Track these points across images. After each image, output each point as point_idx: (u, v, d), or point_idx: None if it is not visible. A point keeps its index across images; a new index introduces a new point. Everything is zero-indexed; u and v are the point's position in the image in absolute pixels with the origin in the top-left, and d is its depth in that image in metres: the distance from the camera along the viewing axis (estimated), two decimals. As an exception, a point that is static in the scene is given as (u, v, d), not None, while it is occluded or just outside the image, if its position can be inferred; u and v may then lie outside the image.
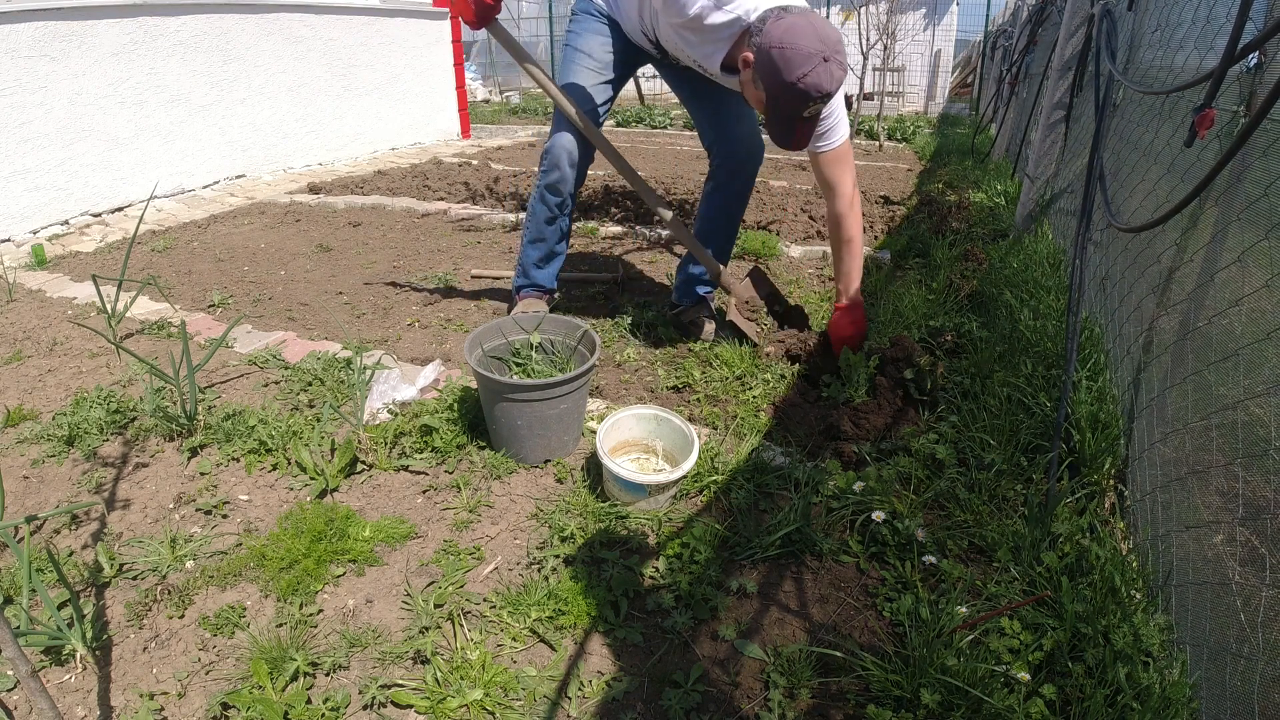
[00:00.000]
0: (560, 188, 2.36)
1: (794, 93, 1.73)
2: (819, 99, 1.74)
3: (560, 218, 2.45)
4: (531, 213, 2.48)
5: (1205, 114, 1.21)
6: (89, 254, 3.59)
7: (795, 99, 1.74)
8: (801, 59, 1.69)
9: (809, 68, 1.69)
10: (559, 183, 2.35)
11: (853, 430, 1.91)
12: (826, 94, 1.74)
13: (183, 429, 1.94)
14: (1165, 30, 2.00)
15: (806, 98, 1.73)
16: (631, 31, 2.25)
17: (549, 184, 2.37)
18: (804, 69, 1.69)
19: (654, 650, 1.30)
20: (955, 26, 13.13)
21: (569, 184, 2.36)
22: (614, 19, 2.29)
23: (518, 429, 1.76)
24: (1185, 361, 1.40)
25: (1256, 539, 1.08)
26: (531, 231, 2.50)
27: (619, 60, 2.32)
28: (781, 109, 1.79)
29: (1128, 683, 1.15)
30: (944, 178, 5.24)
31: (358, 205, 4.55)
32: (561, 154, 2.30)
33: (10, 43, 3.78)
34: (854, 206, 2.19)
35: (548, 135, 2.37)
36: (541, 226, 2.47)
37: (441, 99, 7.35)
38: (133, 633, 1.35)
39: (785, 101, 1.76)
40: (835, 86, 1.74)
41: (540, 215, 2.45)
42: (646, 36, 2.21)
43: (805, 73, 1.69)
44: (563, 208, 2.43)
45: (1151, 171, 1.87)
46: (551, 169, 2.34)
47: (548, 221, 2.45)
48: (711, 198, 2.48)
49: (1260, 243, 1.14)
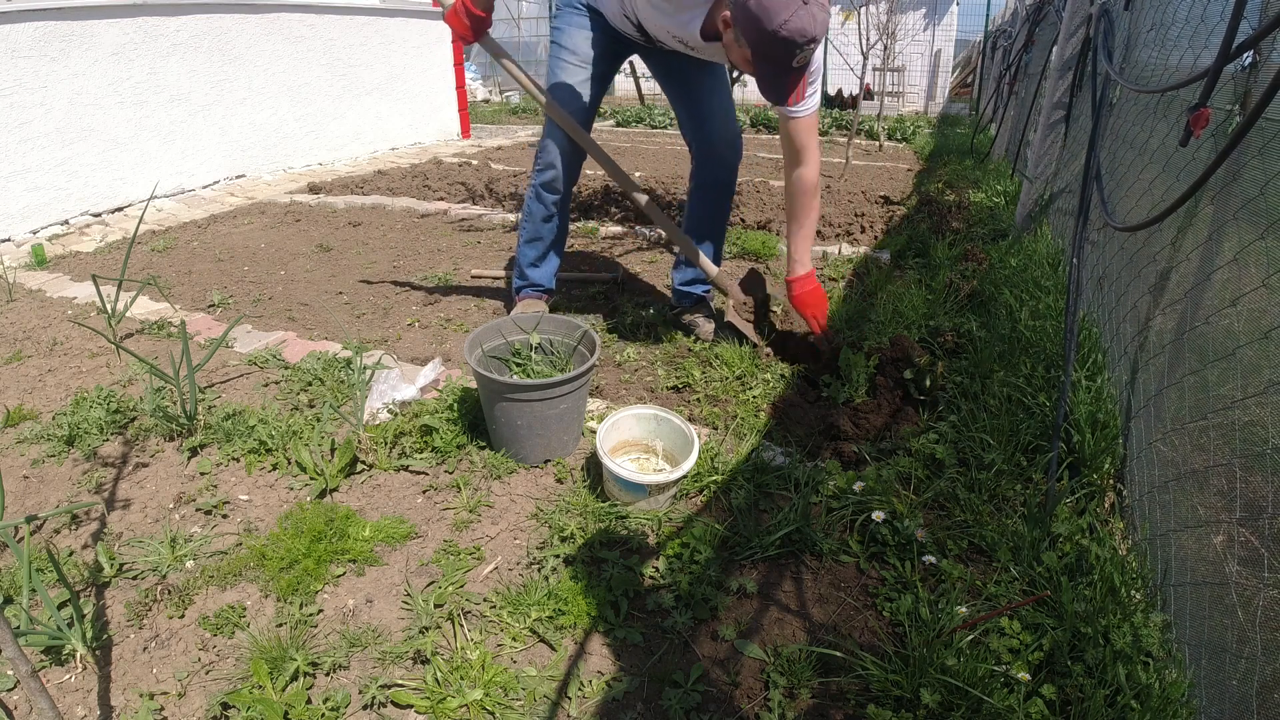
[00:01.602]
0: (556, 185, 2.37)
1: (778, 41, 1.68)
2: (805, 44, 1.69)
3: (557, 215, 2.46)
4: (528, 212, 2.48)
5: (1200, 113, 1.21)
6: (89, 254, 3.59)
7: (780, 48, 1.70)
8: (780, 5, 1.64)
9: (789, 13, 1.64)
10: (555, 180, 2.36)
11: (852, 430, 1.91)
12: (812, 38, 1.69)
13: (183, 429, 1.94)
14: (1161, 29, 2.00)
15: (792, 45, 1.68)
16: (614, 16, 2.23)
17: (544, 182, 2.37)
18: (784, 15, 1.64)
19: (654, 650, 1.31)
20: (955, 26, 13.14)
21: (564, 182, 2.36)
22: (595, 8, 2.27)
23: (518, 429, 1.76)
24: (1183, 361, 1.40)
25: (1255, 539, 1.08)
26: (528, 231, 2.50)
27: (602, 53, 2.31)
28: (770, 61, 1.75)
29: (1127, 683, 1.15)
30: (943, 177, 5.24)
31: (358, 205, 4.55)
32: (556, 151, 2.30)
33: (10, 43, 3.78)
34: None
35: (541, 134, 2.37)
36: (539, 225, 2.47)
37: (441, 99, 7.35)
38: (133, 633, 1.35)
39: (772, 53, 1.72)
40: (819, 30, 1.69)
41: (537, 214, 2.45)
42: (629, 20, 2.19)
43: (786, 19, 1.64)
44: (559, 205, 2.43)
45: (1148, 171, 1.87)
46: (547, 167, 2.34)
47: (544, 220, 2.45)
48: (695, 195, 2.48)
49: (1257, 241, 1.14)
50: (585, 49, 2.29)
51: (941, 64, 12.91)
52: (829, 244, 3.66)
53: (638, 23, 2.18)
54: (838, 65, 10.44)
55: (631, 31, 2.24)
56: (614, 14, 2.23)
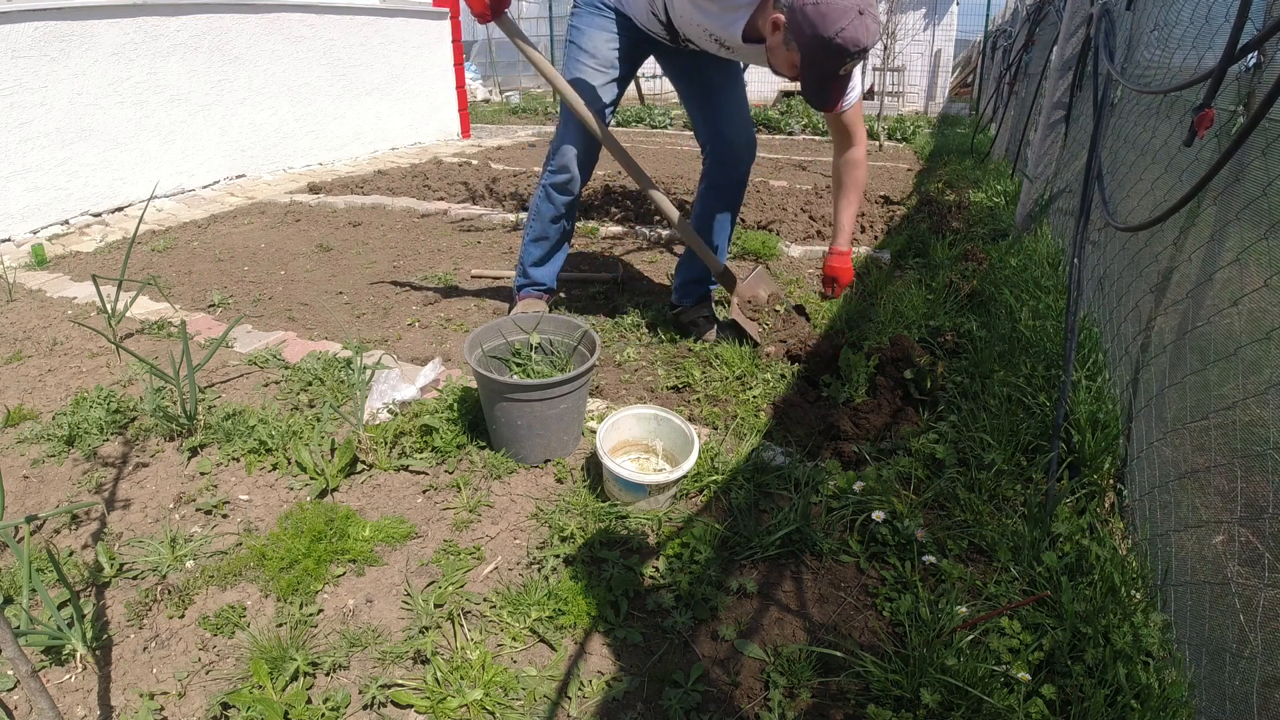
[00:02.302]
0: (571, 187, 2.36)
1: (831, 49, 1.70)
2: (856, 54, 1.71)
3: (565, 217, 2.45)
4: (536, 212, 2.47)
5: (1204, 113, 1.21)
6: (89, 254, 3.59)
7: (833, 55, 1.72)
8: (838, 14, 1.66)
9: (846, 21, 1.66)
10: (569, 183, 2.35)
11: (853, 430, 1.91)
12: (863, 49, 1.70)
13: (183, 429, 1.94)
14: (1164, 30, 2.00)
15: (844, 53, 1.71)
16: (639, 14, 2.21)
17: (558, 184, 2.36)
18: (841, 23, 1.67)
19: (654, 650, 1.30)
20: (955, 26, 13.12)
21: (578, 184, 2.36)
22: (620, 9, 2.25)
23: (518, 429, 1.76)
24: (1184, 361, 1.40)
25: (1256, 539, 1.08)
26: (535, 230, 2.49)
27: (624, 55, 2.29)
28: (818, 67, 1.77)
29: (1127, 683, 1.15)
30: (944, 177, 5.24)
31: (358, 205, 4.55)
32: (573, 155, 2.29)
33: (10, 43, 3.78)
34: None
35: (555, 134, 2.36)
36: (546, 225, 2.46)
37: (441, 99, 7.35)
38: (133, 633, 1.35)
39: (822, 59, 1.74)
40: (872, 41, 1.72)
41: (546, 214, 2.44)
42: (658, 18, 2.17)
43: (843, 27, 1.67)
44: (570, 207, 2.43)
45: (1150, 171, 1.87)
46: (561, 170, 2.33)
47: (553, 220, 2.45)
48: (707, 195, 2.47)
49: (1259, 242, 1.14)
50: (606, 51, 2.27)
51: (941, 64, 12.90)
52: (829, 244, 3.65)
53: (667, 20, 2.15)
54: (838, 65, 10.43)
55: (659, 31, 2.22)
56: (641, 13, 2.20)
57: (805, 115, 8.73)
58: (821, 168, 6.01)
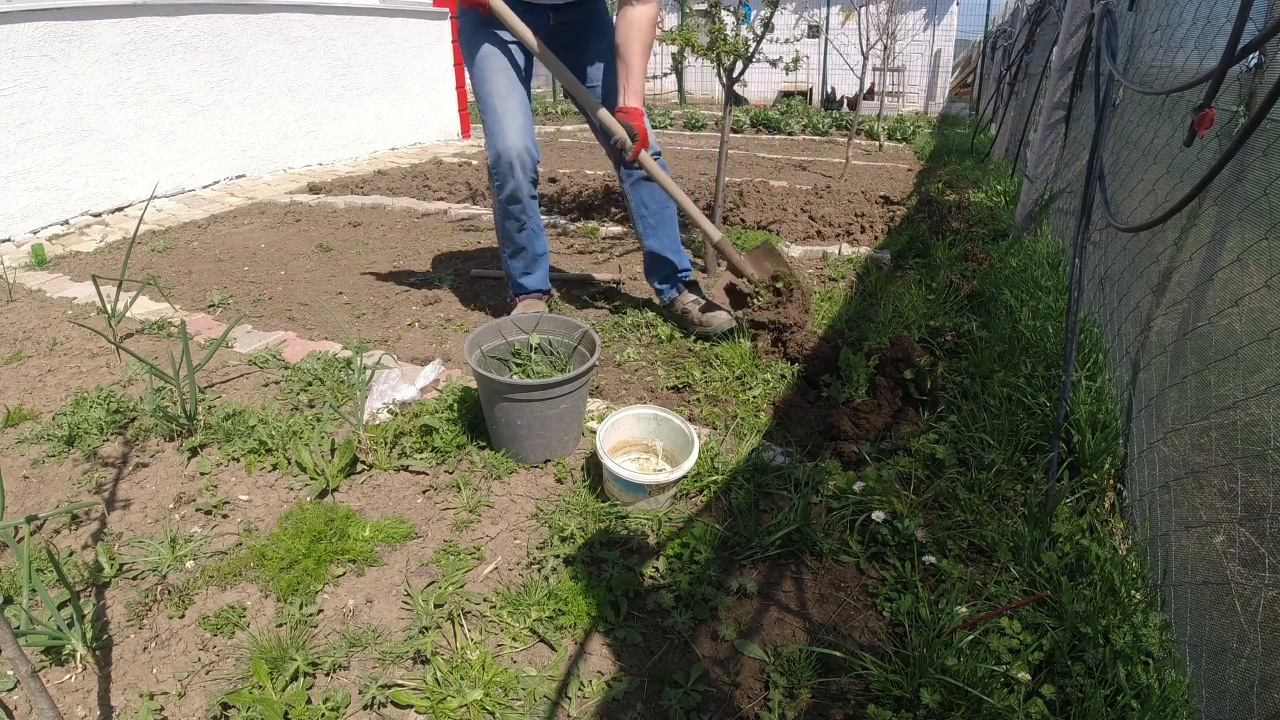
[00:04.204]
0: (518, 194, 2.33)
1: None
2: None
3: (529, 222, 2.43)
4: (501, 230, 2.47)
5: (1205, 114, 1.21)
6: (89, 254, 3.59)
7: None
8: None
9: None
10: (515, 192, 2.32)
11: (853, 430, 1.91)
12: None
13: (183, 429, 1.94)
14: (1166, 30, 2.00)
15: None
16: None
17: (505, 198, 2.34)
18: None
19: (654, 650, 1.30)
20: (955, 26, 13.12)
21: (524, 186, 2.33)
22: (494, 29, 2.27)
23: (518, 429, 1.76)
24: (1184, 361, 1.40)
25: (1256, 539, 1.08)
26: (508, 247, 2.50)
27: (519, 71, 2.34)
28: None
29: (1127, 683, 1.15)
30: (944, 177, 5.24)
31: (358, 205, 4.55)
32: (508, 163, 2.27)
33: (10, 43, 3.78)
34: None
35: (485, 147, 2.34)
36: (515, 239, 2.46)
37: (441, 99, 7.35)
38: (133, 633, 1.35)
39: None
40: None
41: (510, 230, 2.43)
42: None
43: None
44: (527, 212, 2.40)
45: (1151, 171, 1.87)
46: (504, 182, 2.31)
47: (519, 231, 2.44)
48: (635, 190, 2.47)
49: (1260, 243, 1.14)
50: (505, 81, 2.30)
51: (941, 64, 12.91)
52: (829, 244, 3.65)
53: None
54: (838, 65, 10.45)
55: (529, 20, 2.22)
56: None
57: (805, 115, 8.73)
58: (822, 168, 6.01)
